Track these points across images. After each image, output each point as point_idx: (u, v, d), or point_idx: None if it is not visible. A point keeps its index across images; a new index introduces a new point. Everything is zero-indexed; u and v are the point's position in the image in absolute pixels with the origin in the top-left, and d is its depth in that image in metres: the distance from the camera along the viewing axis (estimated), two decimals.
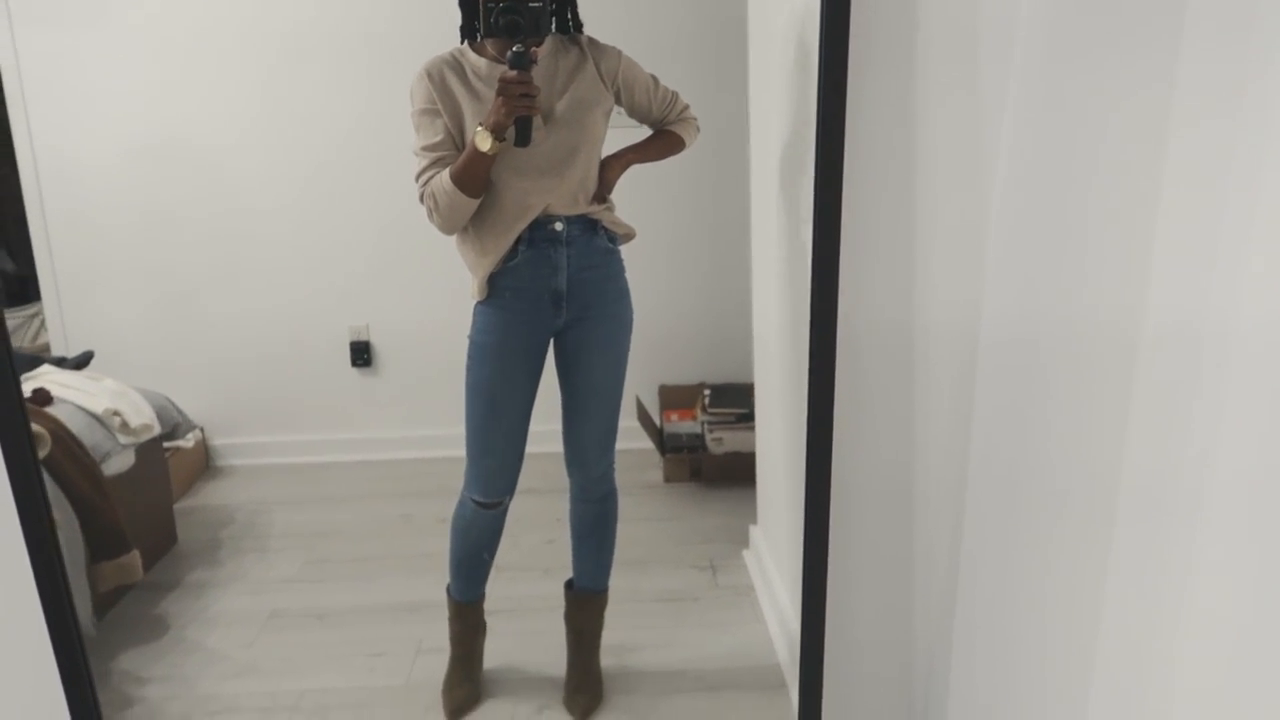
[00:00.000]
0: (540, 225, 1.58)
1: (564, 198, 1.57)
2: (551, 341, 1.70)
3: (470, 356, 1.65)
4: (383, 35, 2.25)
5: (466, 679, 1.77)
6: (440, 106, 1.54)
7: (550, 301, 1.63)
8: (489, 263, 1.59)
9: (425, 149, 1.55)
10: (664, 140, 1.69)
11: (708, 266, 2.67)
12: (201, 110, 2.30)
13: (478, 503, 1.71)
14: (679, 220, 2.60)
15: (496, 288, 1.61)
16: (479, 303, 1.64)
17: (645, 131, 1.71)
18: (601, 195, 1.63)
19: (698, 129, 1.73)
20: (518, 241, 1.58)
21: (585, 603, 1.82)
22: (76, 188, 2.29)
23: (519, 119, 1.45)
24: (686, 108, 1.70)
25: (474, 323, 1.65)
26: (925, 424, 1.37)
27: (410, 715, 1.72)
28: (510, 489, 1.72)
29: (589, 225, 1.62)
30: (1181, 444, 0.82)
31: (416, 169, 1.57)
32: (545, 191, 1.56)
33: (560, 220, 1.58)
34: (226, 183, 2.35)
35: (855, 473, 1.42)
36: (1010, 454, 1.14)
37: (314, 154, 2.38)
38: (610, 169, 1.64)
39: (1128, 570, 0.92)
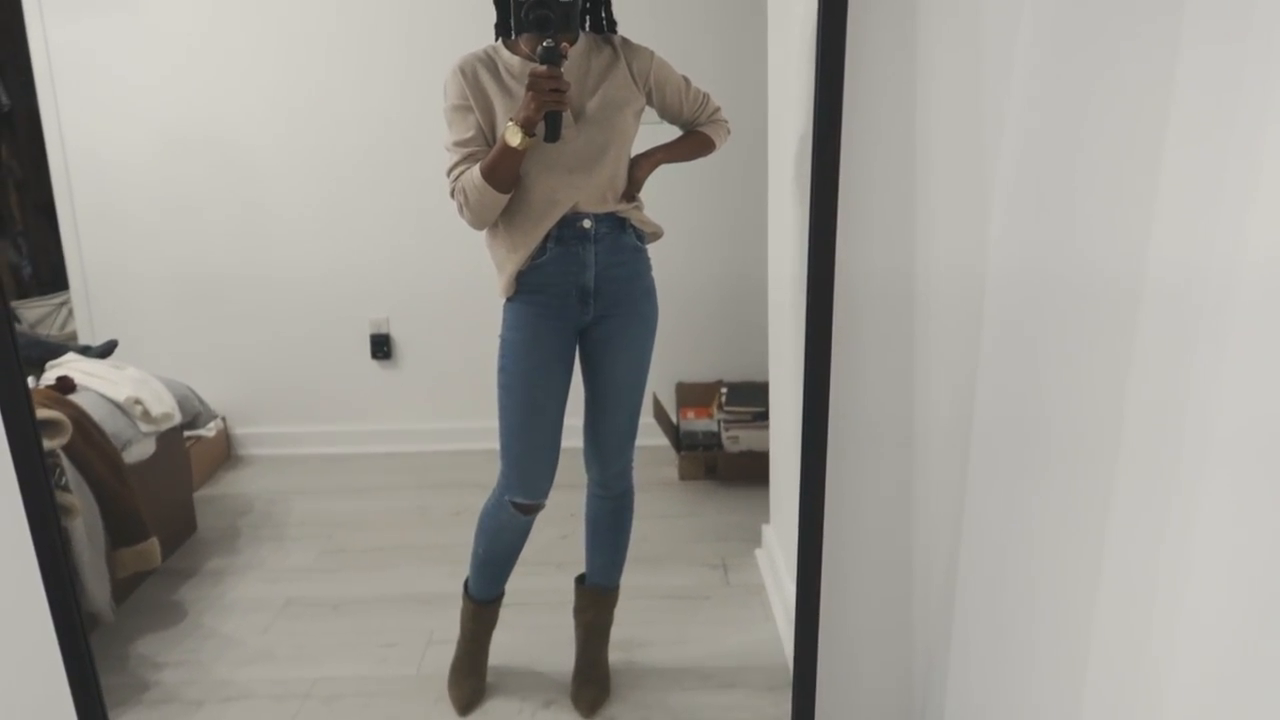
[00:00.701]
0: (569, 222, 1.58)
1: (592, 195, 1.58)
2: (578, 338, 1.71)
3: (502, 355, 1.64)
4: (410, 31, 2.27)
5: (473, 671, 1.77)
6: (473, 102, 1.55)
7: (578, 298, 1.62)
8: (518, 259, 1.59)
9: (457, 144, 1.56)
10: (694, 140, 1.70)
11: (727, 264, 2.66)
12: (229, 104, 2.33)
13: (517, 505, 1.68)
14: (699, 217, 2.60)
15: (525, 284, 1.61)
16: (508, 300, 1.64)
17: (675, 131, 1.72)
18: (630, 194, 1.64)
19: (729, 131, 1.74)
20: (546, 238, 1.58)
21: (596, 599, 1.83)
22: (105, 180, 2.33)
23: (549, 114, 1.46)
24: (718, 110, 1.70)
25: (504, 320, 1.65)
26: (925, 391, 1.37)
27: (420, 705, 1.74)
28: (547, 491, 1.70)
29: (617, 223, 1.62)
30: (1181, 402, 0.82)
31: (448, 164, 1.58)
32: (574, 189, 1.56)
33: (589, 218, 1.58)
34: (252, 175, 2.38)
35: (853, 454, 1.42)
36: (1012, 428, 1.14)
37: (338, 148, 2.40)
38: (639, 167, 1.65)
39: (1125, 553, 0.92)
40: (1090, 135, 0.96)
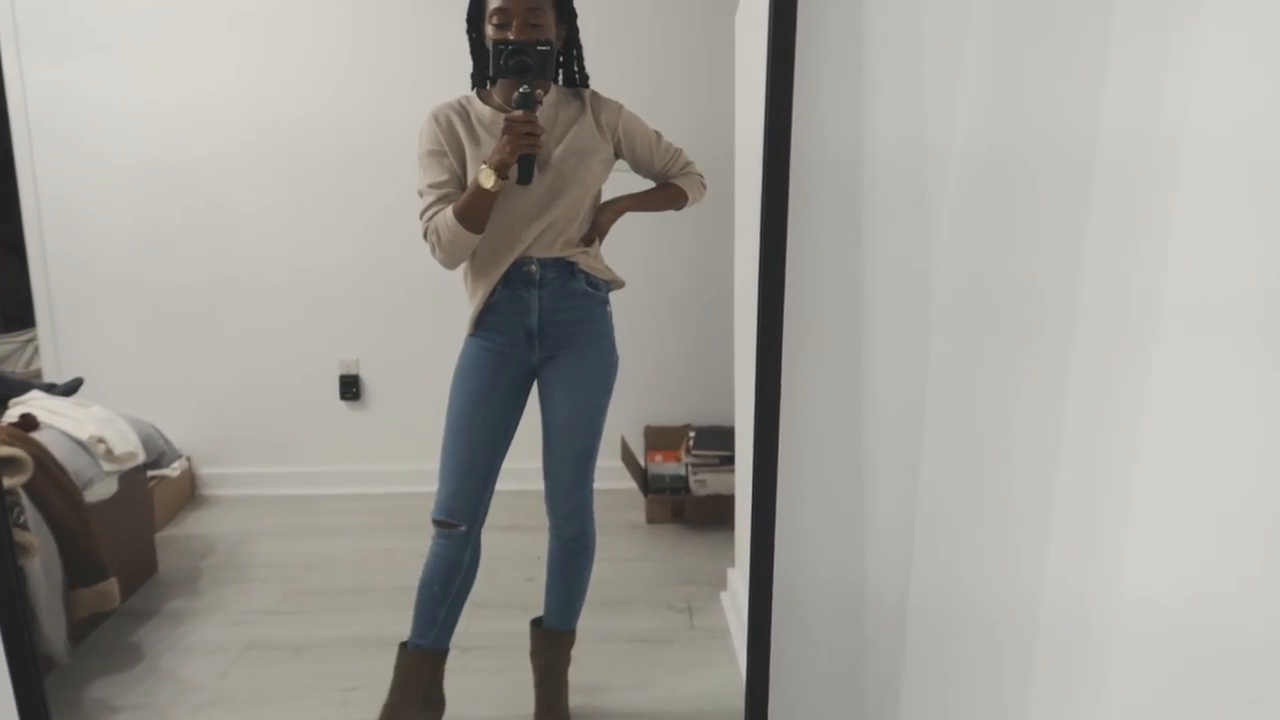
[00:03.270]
0: (516, 266, 1.63)
1: (544, 239, 1.62)
2: (531, 379, 1.73)
3: (451, 385, 1.70)
4: (382, 73, 2.31)
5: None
6: (447, 148, 1.60)
7: (524, 339, 1.67)
8: (479, 299, 1.65)
9: (431, 186, 1.61)
10: (664, 192, 1.74)
11: (695, 309, 2.70)
12: (199, 144, 2.35)
13: (435, 521, 1.72)
14: (666, 263, 2.64)
15: (481, 323, 1.67)
16: (468, 337, 1.69)
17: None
18: (590, 238, 1.67)
19: (703, 185, 1.79)
20: (499, 280, 1.63)
21: (550, 641, 1.83)
22: (75, 218, 2.33)
23: (522, 156, 1.52)
24: (690, 164, 1.76)
25: (460, 353, 1.71)
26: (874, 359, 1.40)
27: None
28: (468, 516, 1.71)
29: (565, 268, 1.66)
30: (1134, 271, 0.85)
31: (421, 206, 1.62)
32: (528, 233, 1.61)
33: (535, 262, 1.63)
34: (222, 216, 2.39)
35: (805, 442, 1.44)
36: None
37: (310, 189, 2.42)
38: (604, 213, 1.69)
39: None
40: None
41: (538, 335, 1.67)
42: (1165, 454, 0.81)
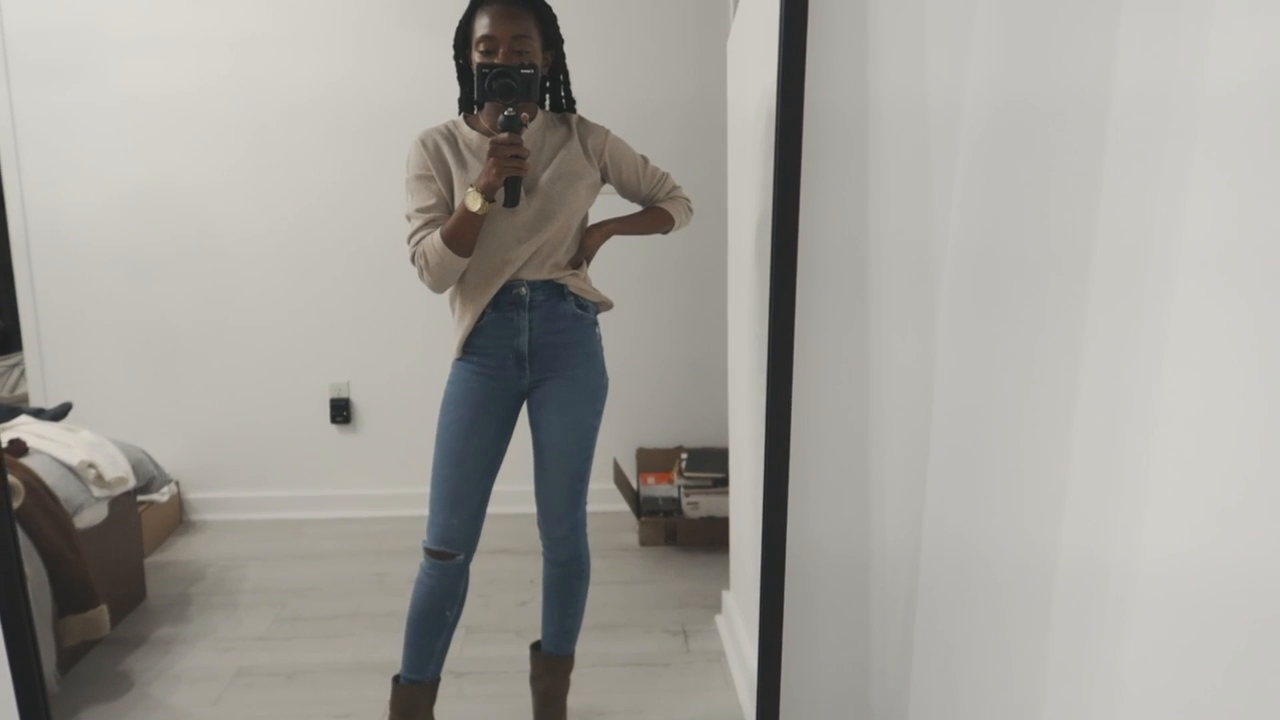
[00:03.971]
0: (506, 289, 1.62)
1: (533, 263, 1.62)
2: (520, 402, 1.72)
3: (440, 411, 1.68)
4: (373, 98, 2.32)
5: None
6: (434, 172, 1.60)
7: (514, 362, 1.66)
8: (468, 322, 1.63)
9: (419, 211, 1.60)
10: (651, 215, 1.73)
11: (687, 331, 2.71)
12: (189, 169, 2.35)
13: (429, 551, 1.68)
14: (658, 286, 2.65)
15: (470, 346, 1.66)
16: (455, 359, 1.68)
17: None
18: (578, 261, 1.68)
19: (690, 209, 1.78)
20: (488, 303, 1.63)
21: (550, 665, 1.81)
22: (63, 242, 2.32)
23: (509, 180, 1.51)
24: (677, 188, 1.76)
25: (448, 377, 1.69)
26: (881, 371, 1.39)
27: None
28: (465, 545, 1.68)
29: (555, 290, 1.65)
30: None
31: (409, 231, 1.61)
32: (518, 256, 1.60)
33: (525, 285, 1.62)
34: (211, 240, 2.39)
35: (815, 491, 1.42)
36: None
37: (299, 214, 2.42)
38: (591, 236, 1.68)
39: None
40: None
41: (528, 358, 1.65)
42: (1185, 409, 0.80)
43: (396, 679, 1.73)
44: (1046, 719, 1.00)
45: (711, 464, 2.64)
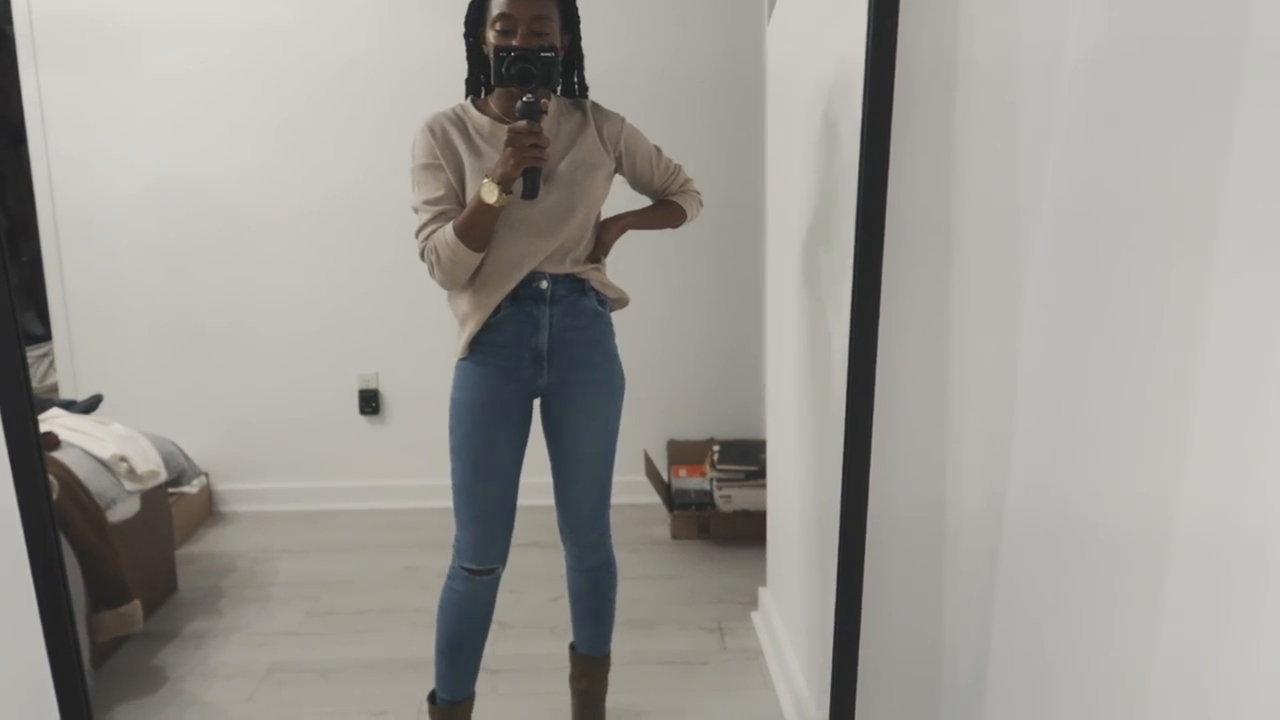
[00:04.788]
0: (526, 283, 1.53)
1: (554, 256, 1.54)
2: (537, 404, 1.64)
3: (452, 415, 1.58)
4: (402, 87, 2.28)
5: None
6: (443, 161, 1.51)
7: (531, 361, 1.57)
8: (479, 318, 1.54)
9: (427, 203, 1.52)
10: (665, 210, 1.67)
11: (718, 322, 2.67)
12: (218, 158, 2.32)
13: (469, 570, 1.61)
14: (690, 275, 2.61)
15: (479, 344, 1.56)
16: (460, 359, 1.58)
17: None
18: (596, 256, 1.60)
19: (701, 203, 1.71)
20: (504, 298, 1.54)
21: (587, 666, 1.78)
22: (93, 232, 2.30)
23: (528, 170, 1.43)
24: (689, 181, 1.69)
25: (454, 380, 1.59)
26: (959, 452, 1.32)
27: None
28: (502, 555, 1.62)
29: (576, 285, 1.57)
30: None
31: (417, 224, 1.53)
32: (538, 250, 1.52)
33: (546, 278, 1.54)
34: (240, 230, 2.37)
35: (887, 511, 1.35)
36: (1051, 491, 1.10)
37: (328, 204, 2.39)
38: (608, 231, 1.61)
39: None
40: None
41: (546, 356, 1.57)
42: None
43: (432, 698, 1.68)
44: (1154, 701, 0.94)
45: (745, 457, 2.60)
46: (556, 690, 1.82)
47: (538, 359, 1.57)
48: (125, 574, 1.87)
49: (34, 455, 1.15)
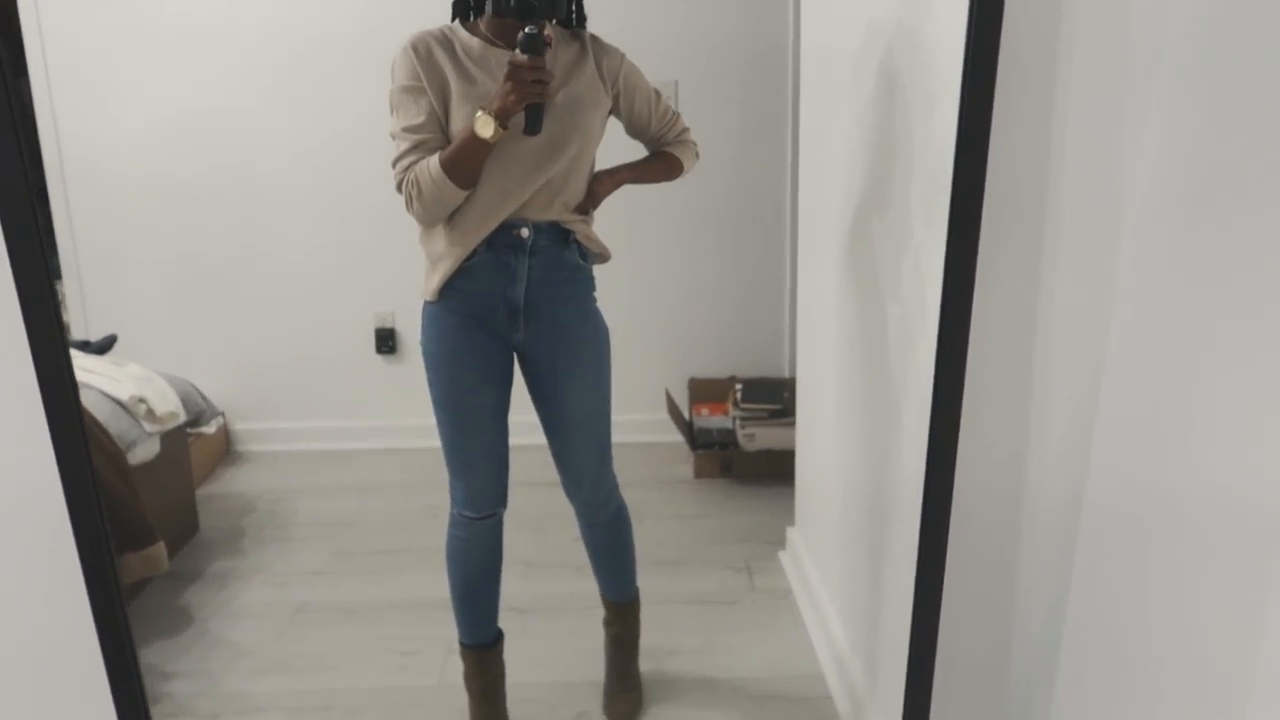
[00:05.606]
0: (504, 229, 1.42)
1: (540, 199, 1.43)
2: (516, 362, 1.55)
3: (428, 369, 1.51)
4: (411, 19, 2.19)
5: None
6: (425, 84, 1.38)
7: (505, 313, 1.47)
8: (452, 261, 1.43)
9: (406, 130, 1.39)
10: (662, 162, 1.56)
11: (739, 257, 2.61)
12: (227, 94, 2.25)
13: (469, 517, 1.57)
14: (709, 210, 2.55)
15: (451, 288, 1.45)
16: (428, 303, 1.49)
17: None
18: (585, 207, 1.50)
19: (697, 155, 1.61)
20: (481, 242, 1.43)
21: (617, 612, 1.76)
22: (99, 169, 2.24)
23: (530, 106, 1.32)
24: (687, 130, 1.58)
25: (424, 328, 1.51)
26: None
27: (444, 717, 1.68)
28: (502, 499, 1.58)
29: (559, 236, 1.46)
30: None
31: (394, 153, 1.41)
32: (525, 188, 1.41)
33: (527, 225, 1.43)
34: (252, 165, 2.31)
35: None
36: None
37: (341, 139, 2.32)
38: (602, 184, 1.51)
39: None
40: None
41: (522, 310, 1.47)
42: None
43: (464, 648, 1.66)
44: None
45: (768, 395, 2.57)
46: (587, 629, 1.81)
47: (513, 312, 1.47)
48: (148, 516, 1.85)
49: (68, 395, 1.12)
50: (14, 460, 1.21)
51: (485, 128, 1.31)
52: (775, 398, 2.56)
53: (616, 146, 1.57)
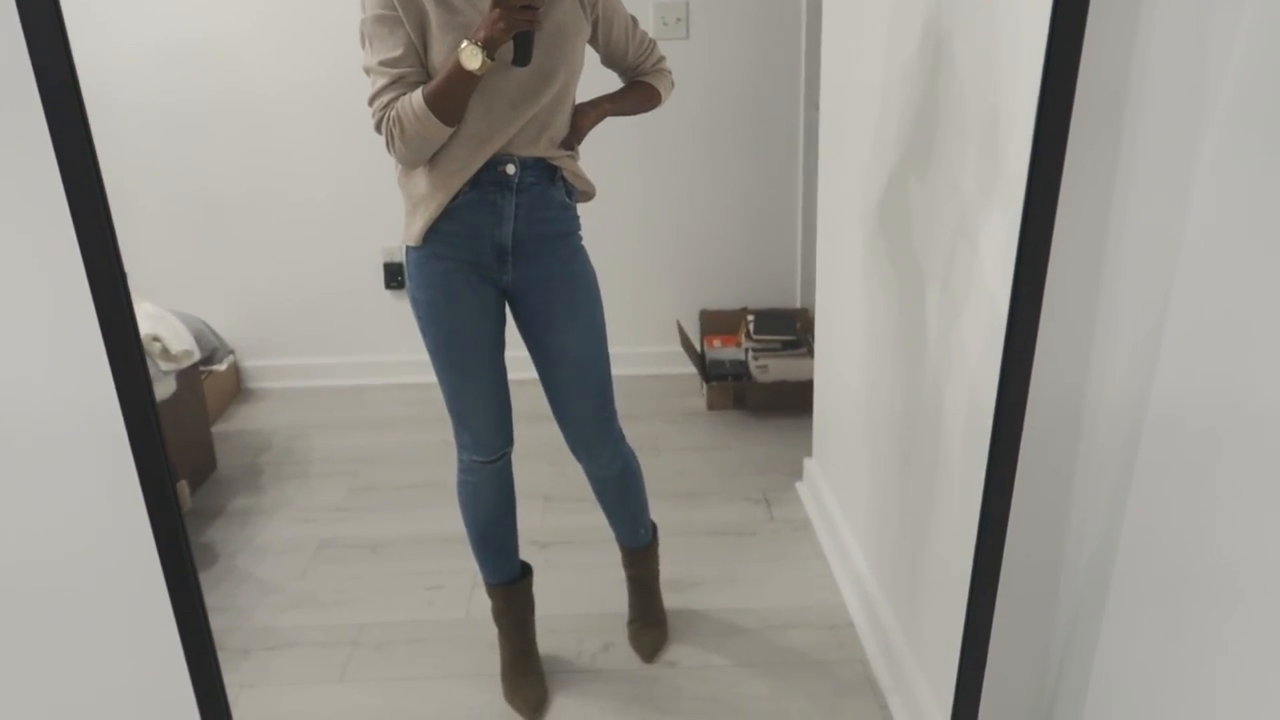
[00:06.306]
0: (491, 167, 1.36)
1: (527, 134, 1.37)
2: (508, 309, 1.51)
3: (419, 318, 1.47)
4: None
5: (530, 670, 1.64)
6: (401, 13, 1.30)
7: (493, 255, 1.42)
8: (440, 200, 1.37)
9: (384, 64, 1.31)
10: (640, 92, 1.52)
11: (749, 188, 2.58)
12: (233, 25, 2.18)
13: (479, 461, 1.55)
14: (717, 139, 2.51)
15: (435, 231, 1.39)
16: (411, 248, 1.43)
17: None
18: (570, 143, 1.45)
19: (672, 84, 1.56)
20: (467, 181, 1.37)
21: (633, 556, 1.77)
22: (98, 100, 2.17)
23: (519, 35, 1.26)
24: (663, 59, 1.53)
25: (409, 274, 1.45)
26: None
27: (473, 651, 1.71)
28: (509, 440, 1.56)
29: (547, 173, 1.41)
30: None
31: (371, 90, 1.33)
32: (511, 123, 1.35)
33: (513, 162, 1.37)
34: (252, 95, 2.25)
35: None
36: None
37: (350, 73, 2.26)
38: (585, 116, 1.46)
39: None
40: None
41: (510, 251, 1.42)
42: None
43: (492, 587, 1.66)
44: None
45: (780, 326, 2.56)
46: (610, 561, 1.82)
47: (501, 253, 1.42)
48: (169, 455, 1.85)
49: (130, 334, 1.11)
50: (74, 387, 1.20)
51: (472, 59, 1.24)
52: (788, 328, 2.55)
53: (590, 79, 1.50)
